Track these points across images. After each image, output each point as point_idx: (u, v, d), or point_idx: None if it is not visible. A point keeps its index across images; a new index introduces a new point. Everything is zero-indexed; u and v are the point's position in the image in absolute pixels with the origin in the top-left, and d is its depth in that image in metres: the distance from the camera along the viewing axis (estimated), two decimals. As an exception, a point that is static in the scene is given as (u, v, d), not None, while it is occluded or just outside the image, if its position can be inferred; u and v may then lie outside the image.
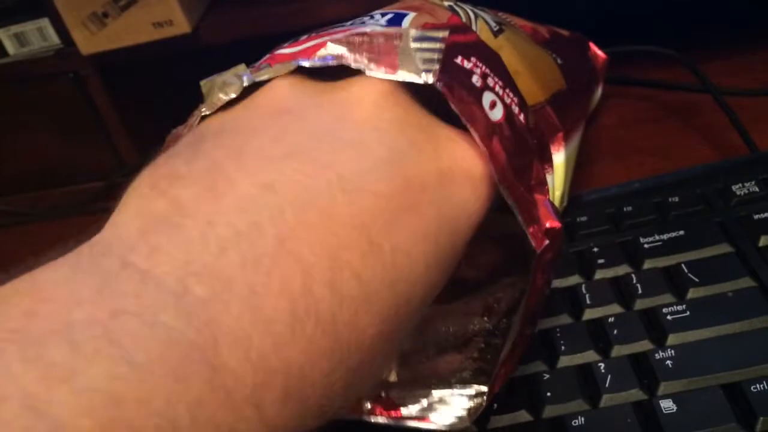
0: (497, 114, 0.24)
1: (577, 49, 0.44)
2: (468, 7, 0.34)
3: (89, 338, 0.14)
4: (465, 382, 0.28)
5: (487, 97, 0.24)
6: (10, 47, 0.52)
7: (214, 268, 0.17)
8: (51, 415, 0.13)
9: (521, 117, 0.26)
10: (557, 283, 0.34)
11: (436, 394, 0.28)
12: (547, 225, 0.24)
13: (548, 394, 0.29)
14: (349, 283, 0.18)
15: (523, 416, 0.29)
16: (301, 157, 0.19)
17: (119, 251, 0.17)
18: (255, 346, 0.16)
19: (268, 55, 0.27)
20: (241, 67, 0.26)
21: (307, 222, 0.18)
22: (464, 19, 0.32)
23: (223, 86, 0.26)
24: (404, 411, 0.28)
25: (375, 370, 0.21)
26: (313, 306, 0.17)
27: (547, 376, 0.30)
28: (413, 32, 0.23)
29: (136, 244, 0.17)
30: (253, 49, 0.30)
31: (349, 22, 0.29)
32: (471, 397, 0.28)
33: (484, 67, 0.25)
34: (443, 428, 0.27)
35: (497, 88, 0.25)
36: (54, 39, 0.51)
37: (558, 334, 0.31)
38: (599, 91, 0.47)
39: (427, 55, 0.22)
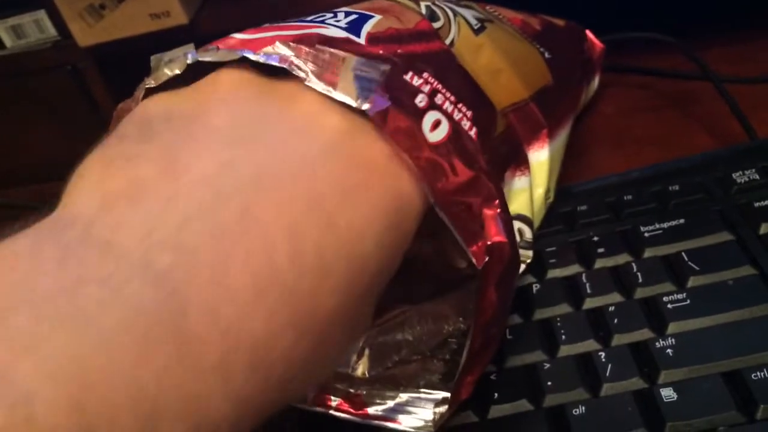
0: (440, 134, 0.24)
1: (571, 40, 0.43)
2: (447, 6, 0.33)
3: (54, 306, 0.15)
4: (433, 387, 0.29)
5: (430, 118, 0.24)
6: (7, 40, 0.52)
7: (179, 238, 0.17)
8: (19, 383, 0.13)
9: (472, 132, 0.26)
10: (557, 272, 0.34)
11: (404, 396, 0.28)
12: (489, 241, 0.24)
13: (549, 383, 0.29)
14: (309, 256, 0.19)
15: (524, 405, 0.29)
16: (255, 143, 0.20)
17: (81, 224, 0.17)
18: (222, 314, 0.17)
19: (221, 39, 0.27)
20: (190, 46, 0.26)
21: (267, 196, 0.19)
22: (442, 20, 0.31)
23: (169, 62, 0.26)
24: (371, 410, 0.28)
25: (335, 348, 0.21)
26: (275, 277, 0.18)
27: (548, 365, 0.30)
28: (356, 60, 0.23)
29: (97, 218, 0.17)
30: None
31: (310, 18, 0.28)
32: (438, 403, 0.28)
33: (435, 83, 0.26)
34: (410, 430, 0.28)
35: (446, 105, 0.25)
36: (51, 31, 0.51)
37: (558, 324, 0.31)
38: (596, 81, 0.47)
39: (366, 83, 0.23)
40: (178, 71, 0.25)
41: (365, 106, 0.22)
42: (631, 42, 0.47)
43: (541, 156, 0.33)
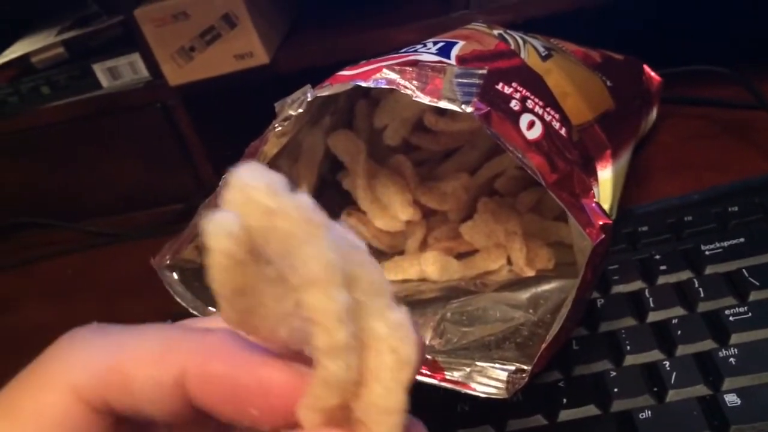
0: (535, 133, 0.28)
1: (630, 72, 0.46)
2: (518, 35, 0.37)
3: None
4: (507, 360, 0.30)
5: (525, 119, 0.28)
6: (104, 80, 0.57)
7: None
8: None
9: (563, 131, 0.29)
10: (621, 288, 0.36)
11: (480, 364, 0.30)
12: (601, 222, 0.27)
13: (615, 390, 0.31)
14: None
15: (592, 410, 0.31)
16: None
17: None
18: None
19: (331, 77, 0.31)
20: (307, 87, 0.31)
21: None
22: (513, 46, 0.35)
23: (292, 103, 0.30)
24: (448, 375, 0.30)
25: None
26: None
27: (614, 373, 0.32)
28: (456, 69, 0.27)
29: None
30: (326, 77, 0.33)
31: (404, 50, 0.32)
32: (512, 373, 0.30)
33: (524, 91, 0.29)
34: (482, 395, 0.29)
35: (537, 108, 0.29)
36: (144, 72, 0.56)
37: (623, 335, 0.33)
38: (654, 112, 0.49)
39: (467, 89, 0.26)
40: (301, 110, 0.29)
41: (468, 110, 0.25)
42: (687, 75, 0.49)
43: (605, 175, 0.36)
